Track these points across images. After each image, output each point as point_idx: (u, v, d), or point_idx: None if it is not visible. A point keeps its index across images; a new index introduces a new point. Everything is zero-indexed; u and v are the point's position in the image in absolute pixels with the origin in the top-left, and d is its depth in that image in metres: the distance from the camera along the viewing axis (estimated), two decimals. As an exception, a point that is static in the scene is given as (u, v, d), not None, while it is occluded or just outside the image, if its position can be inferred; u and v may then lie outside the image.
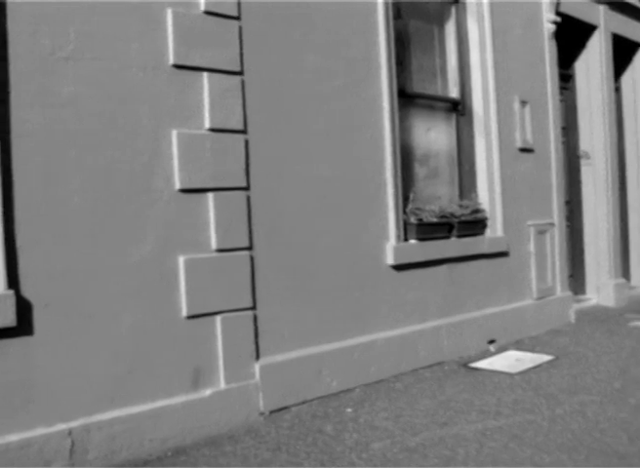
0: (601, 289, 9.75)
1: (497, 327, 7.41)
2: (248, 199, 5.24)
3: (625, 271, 10.57)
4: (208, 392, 4.93)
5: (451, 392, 5.83)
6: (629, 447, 4.54)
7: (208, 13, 5.02)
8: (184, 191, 4.86)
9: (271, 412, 5.28)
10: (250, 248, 5.25)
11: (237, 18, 5.21)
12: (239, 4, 5.23)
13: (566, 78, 9.62)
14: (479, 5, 7.54)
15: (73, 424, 4.25)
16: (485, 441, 4.70)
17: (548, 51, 8.53)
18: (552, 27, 8.51)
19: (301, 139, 5.70)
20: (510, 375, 6.30)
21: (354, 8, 6.15)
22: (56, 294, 4.25)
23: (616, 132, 10.16)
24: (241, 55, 5.24)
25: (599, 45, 9.70)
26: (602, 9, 9.67)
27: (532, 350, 7.24)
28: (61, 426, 4.21)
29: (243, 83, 5.25)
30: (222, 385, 5.01)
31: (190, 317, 4.87)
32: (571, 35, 9.29)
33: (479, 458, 4.41)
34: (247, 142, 5.25)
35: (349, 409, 5.41)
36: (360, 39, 6.20)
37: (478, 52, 7.54)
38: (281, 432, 4.96)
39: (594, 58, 9.73)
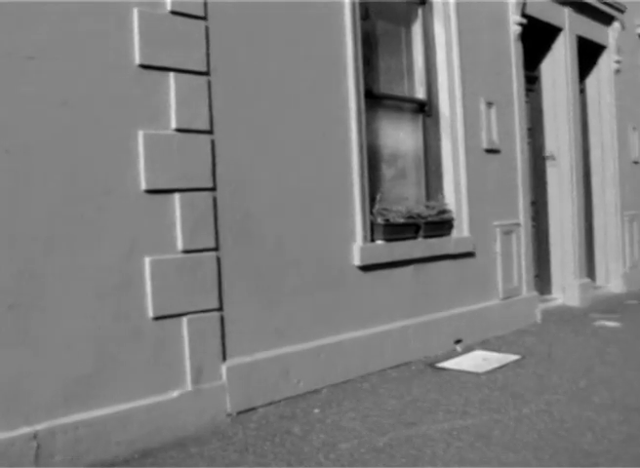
0: (566, 289, 9.82)
1: (463, 326, 7.44)
2: (214, 200, 5.22)
3: (590, 271, 10.67)
4: (175, 393, 4.90)
5: (418, 392, 5.85)
6: (595, 445, 4.58)
7: (174, 13, 5.00)
8: (150, 192, 4.83)
9: (238, 414, 5.26)
10: (216, 248, 5.22)
11: (204, 18, 5.19)
12: (206, 4, 5.21)
13: (532, 80, 9.68)
14: (445, 6, 7.56)
15: (38, 427, 4.20)
16: (452, 440, 4.72)
17: (514, 52, 8.59)
18: (518, 29, 8.57)
19: (268, 140, 5.68)
20: (477, 375, 6.33)
21: (322, 8, 6.14)
22: (20, 296, 4.20)
23: (580, 133, 10.25)
24: (208, 55, 5.22)
25: (564, 47, 9.78)
26: (567, 11, 9.76)
27: (498, 350, 7.28)
28: (26, 429, 4.16)
29: (210, 83, 5.23)
30: (189, 386, 4.99)
31: (157, 318, 4.83)
32: (536, 37, 9.35)
33: (446, 458, 4.43)
34: (213, 143, 5.24)
35: (317, 410, 5.41)
36: (327, 39, 6.20)
37: (444, 53, 7.57)
38: (248, 433, 4.94)
39: (559, 59, 9.81)
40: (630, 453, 4.43)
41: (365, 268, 6.38)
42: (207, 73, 5.21)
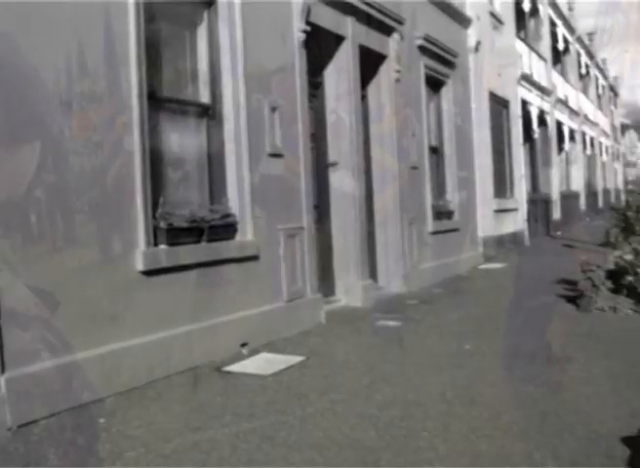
0: (350, 290, 10.07)
1: (249, 330, 7.48)
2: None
3: (373, 272, 10.99)
4: (-52, 409, 4.68)
5: (204, 397, 5.84)
6: (378, 441, 4.75)
7: None
8: None
9: (19, 427, 5.06)
10: (-7, 254, 5.03)
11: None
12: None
13: (316, 85, 9.88)
14: (231, 10, 7.58)
15: None
16: (239, 443, 4.76)
17: (298, 58, 8.74)
18: (302, 36, 8.73)
19: (52, 144, 5.51)
20: (263, 377, 6.39)
21: (104, 8, 6.01)
22: None
23: (362, 138, 10.55)
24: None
25: (347, 55, 10.06)
26: (350, 21, 10.03)
27: (284, 351, 7.38)
28: None
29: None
30: (-35, 401, 4.78)
31: None
32: (321, 44, 9.57)
33: (233, 460, 4.47)
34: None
35: (102, 420, 5.29)
36: (109, 41, 6.05)
37: (229, 56, 7.59)
38: (30, 447, 4.78)
39: (342, 67, 10.08)
40: (411, 447, 4.63)
41: (148, 273, 6.29)
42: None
